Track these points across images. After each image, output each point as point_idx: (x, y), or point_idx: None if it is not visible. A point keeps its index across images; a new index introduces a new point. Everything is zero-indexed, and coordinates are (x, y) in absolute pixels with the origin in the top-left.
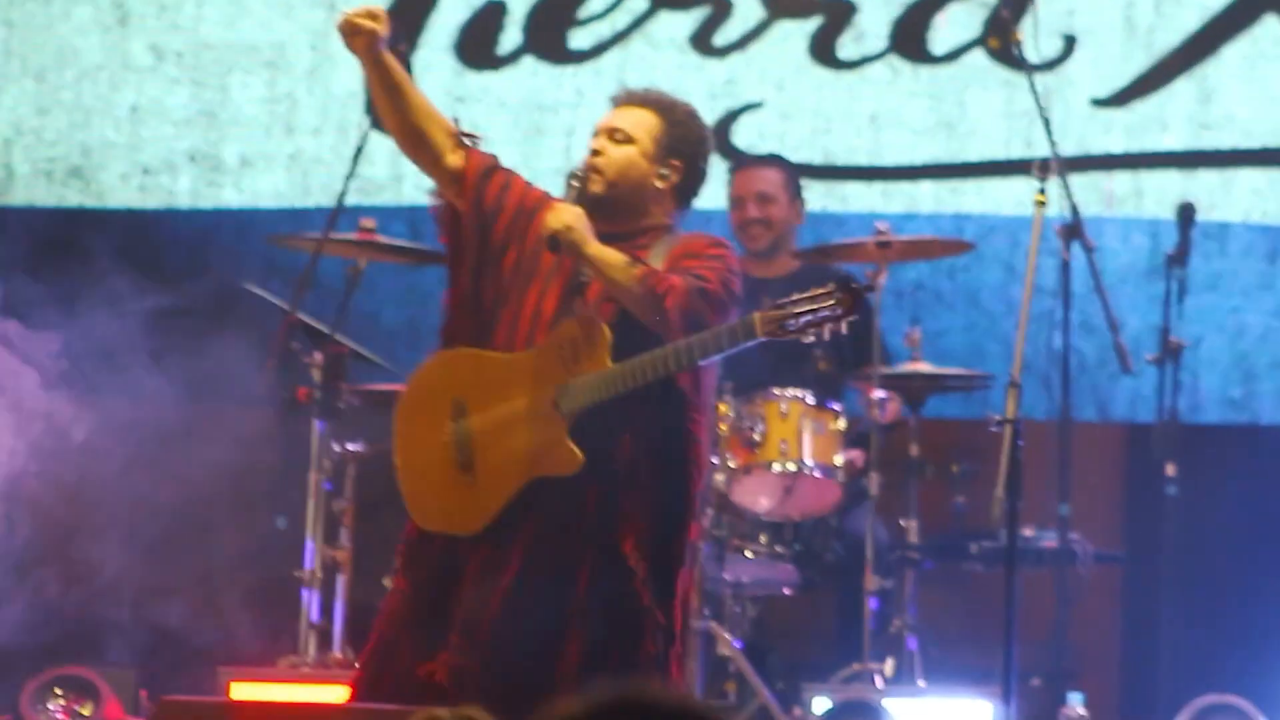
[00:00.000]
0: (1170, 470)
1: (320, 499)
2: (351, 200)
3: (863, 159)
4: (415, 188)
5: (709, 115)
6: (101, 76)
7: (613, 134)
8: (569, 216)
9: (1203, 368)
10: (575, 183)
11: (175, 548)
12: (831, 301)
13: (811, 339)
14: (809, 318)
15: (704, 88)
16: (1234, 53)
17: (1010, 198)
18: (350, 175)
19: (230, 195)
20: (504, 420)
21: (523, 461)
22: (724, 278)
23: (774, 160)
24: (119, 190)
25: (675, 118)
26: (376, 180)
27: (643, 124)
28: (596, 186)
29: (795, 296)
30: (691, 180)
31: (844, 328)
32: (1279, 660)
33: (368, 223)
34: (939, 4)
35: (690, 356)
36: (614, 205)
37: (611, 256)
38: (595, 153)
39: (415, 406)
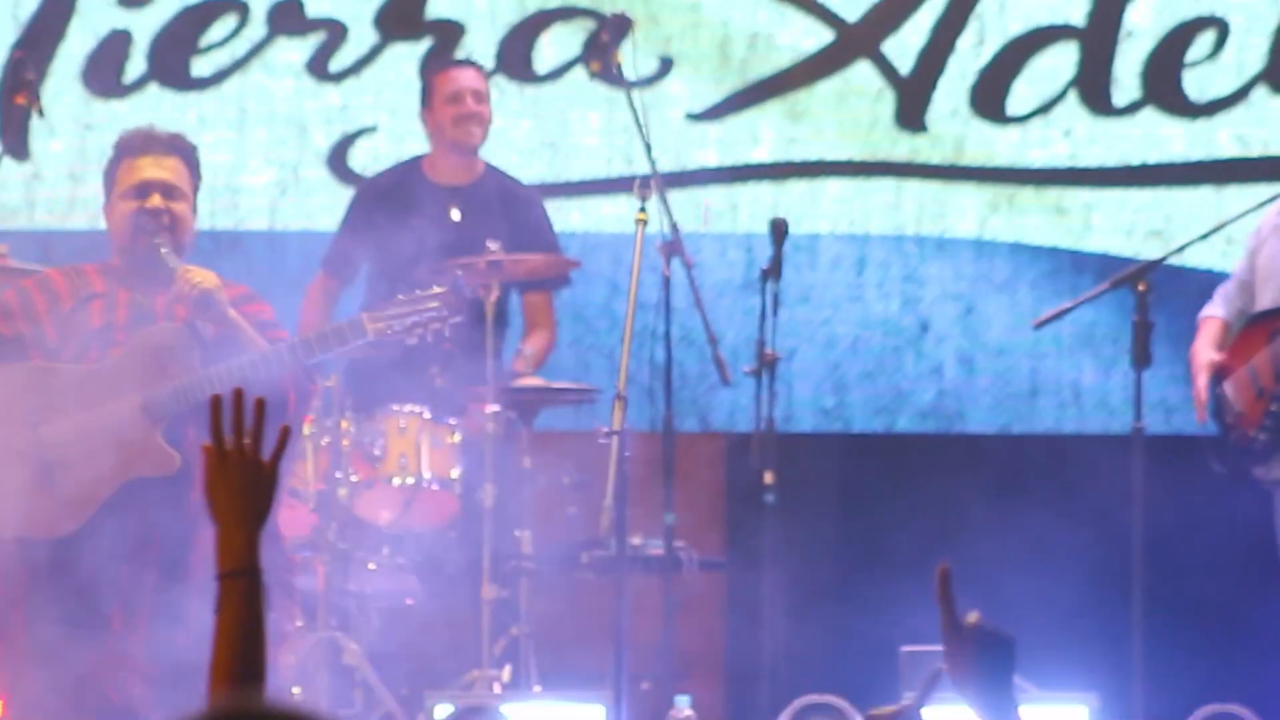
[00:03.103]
0: (768, 478)
1: None
2: None
3: None
4: (48, 213)
5: (326, 139)
6: None
7: (169, 192)
8: (214, 277)
9: (796, 378)
10: (163, 245)
11: None
12: (436, 304)
13: (415, 340)
14: (415, 319)
15: (320, 112)
16: (827, 88)
17: (613, 215)
18: None
19: None
20: (84, 427)
21: (113, 466)
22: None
23: (476, 63)
24: None
25: (195, 159)
26: (9, 206)
27: (183, 175)
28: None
29: (400, 298)
30: None
31: (447, 330)
32: (871, 660)
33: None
34: (543, 25)
35: (295, 357)
36: None
37: (249, 327)
38: (158, 211)
39: None
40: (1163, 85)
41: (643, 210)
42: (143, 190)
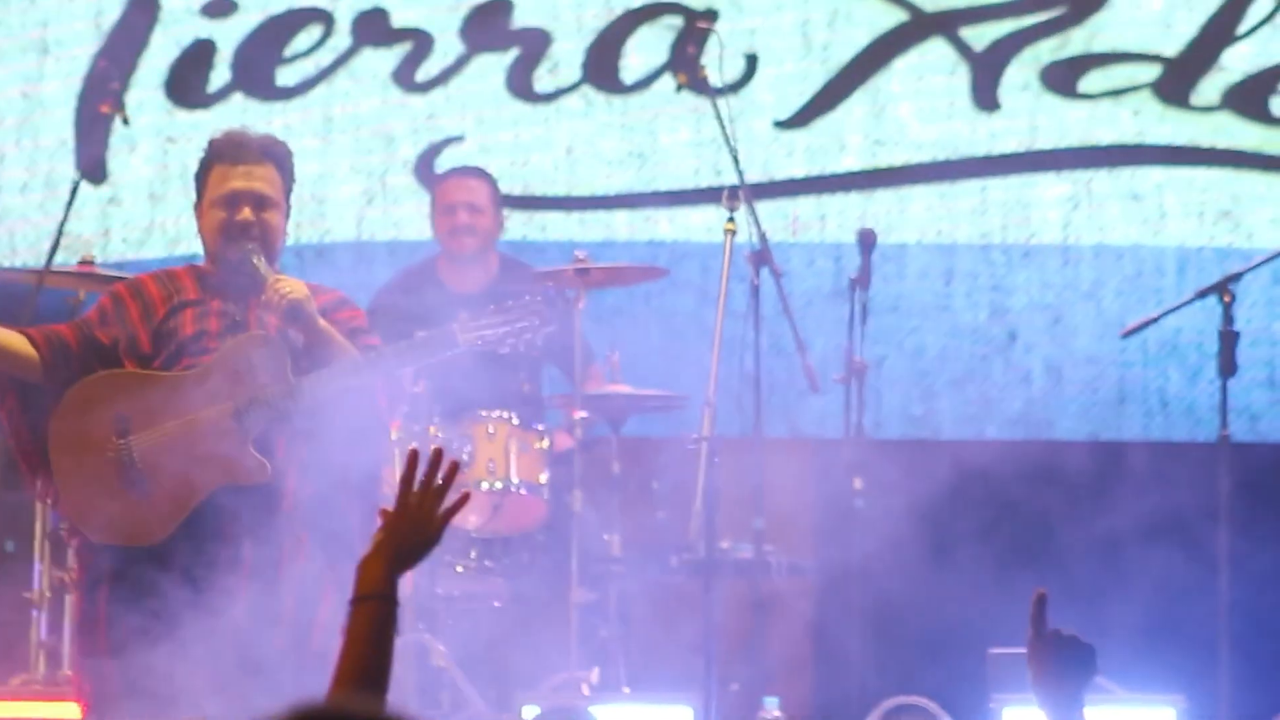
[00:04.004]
0: (857, 484)
1: (46, 523)
2: (58, 260)
3: (560, 190)
4: (123, 240)
5: (412, 149)
6: None
7: (261, 203)
8: (303, 287)
9: (885, 386)
10: (255, 255)
11: None
12: (528, 312)
13: (507, 349)
14: (506, 328)
15: (407, 122)
16: (904, 64)
17: (701, 224)
18: (63, 226)
19: None
20: (174, 435)
21: (203, 473)
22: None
23: (481, 172)
24: None
25: (288, 163)
26: (83, 236)
27: (275, 183)
28: (264, 259)
29: (493, 308)
30: None
31: (539, 338)
32: (961, 663)
33: (88, 256)
34: (629, 29)
35: (385, 366)
36: None
37: (339, 335)
38: (248, 224)
39: (74, 425)
40: (1246, 99)
41: (731, 220)
42: (233, 201)
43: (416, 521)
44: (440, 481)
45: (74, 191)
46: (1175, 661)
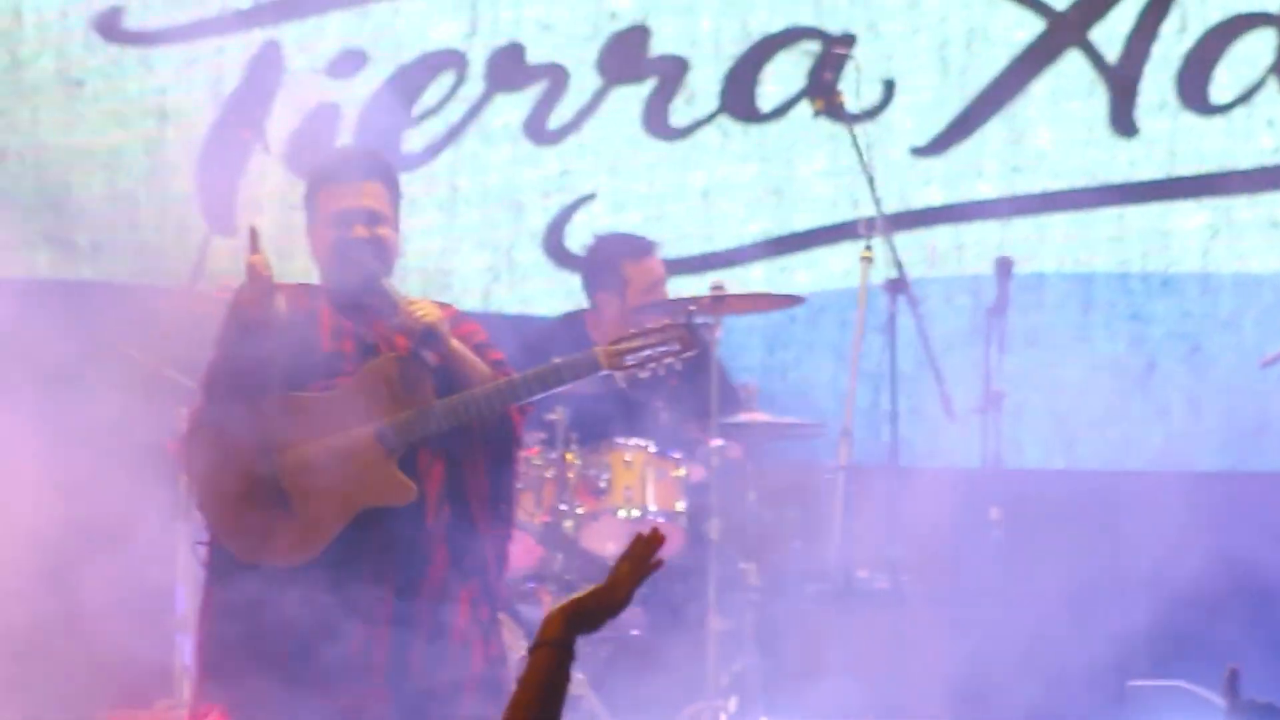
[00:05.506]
0: (995, 514)
1: (188, 545)
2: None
3: (695, 244)
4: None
5: (543, 216)
6: None
7: (373, 219)
8: (436, 309)
9: (1023, 415)
10: (384, 280)
11: (50, 593)
12: (669, 337)
13: (648, 374)
14: (649, 352)
15: (537, 183)
16: (1041, 88)
17: (840, 269)
18: (197, 272)
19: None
20: (320, 457)
21: (350, 495)
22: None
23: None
24: None
25: (393, 177)
26: (217, 272)
27: (383, 199)
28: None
29: (633, 332)
30: None
31: (679, 364)
32: (1100, 694)
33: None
34: (766, 55)
35: (530, 389)
36: None
37: (471, 354)
38: (362, 242)
39: (220, 446)
40: None
41: (868, 249)
42: (346, 219)
43: (612, 587)
44: (650, 560)
45: (204, 245)
46: None
